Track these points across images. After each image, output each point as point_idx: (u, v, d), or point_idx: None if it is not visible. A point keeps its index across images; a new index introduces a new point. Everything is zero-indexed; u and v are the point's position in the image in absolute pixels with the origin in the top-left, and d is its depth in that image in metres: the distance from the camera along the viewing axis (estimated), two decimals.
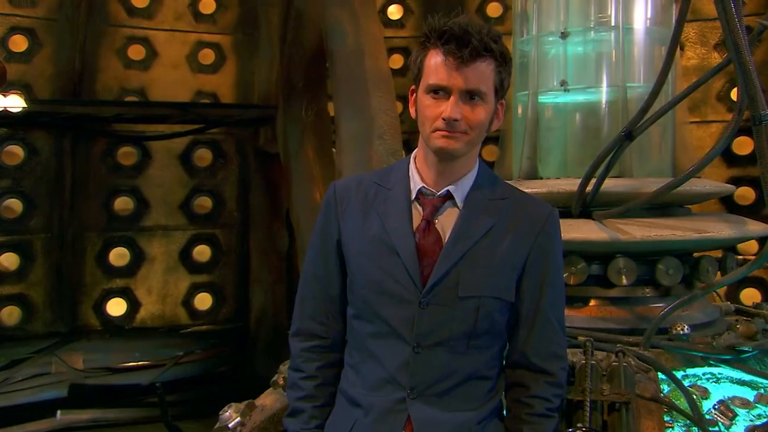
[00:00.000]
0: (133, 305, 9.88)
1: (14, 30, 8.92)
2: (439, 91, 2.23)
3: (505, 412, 2.44)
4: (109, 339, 9.66)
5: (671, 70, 3.20)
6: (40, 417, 8.50)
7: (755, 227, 3.45)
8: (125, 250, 9.85)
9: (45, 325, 9.39)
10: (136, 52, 9.65)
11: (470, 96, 2.22)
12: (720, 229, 3.35)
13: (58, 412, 8.55)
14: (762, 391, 2.99)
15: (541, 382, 2.38)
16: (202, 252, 10.19)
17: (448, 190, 2.35)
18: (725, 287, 5.03)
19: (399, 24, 10.16)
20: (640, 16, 3.55)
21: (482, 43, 2.18)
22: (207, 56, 9.98)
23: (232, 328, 10.21)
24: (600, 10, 3.53)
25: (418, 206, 2.37)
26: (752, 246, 7.52)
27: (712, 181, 3.75)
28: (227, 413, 3.34)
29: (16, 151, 9.13)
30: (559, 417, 2.44)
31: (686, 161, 3.54)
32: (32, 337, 9.24)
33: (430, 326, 2.28)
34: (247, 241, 10.23)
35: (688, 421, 2.81)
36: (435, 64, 2.23)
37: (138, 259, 9.90)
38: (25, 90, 8.77)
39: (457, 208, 2.35)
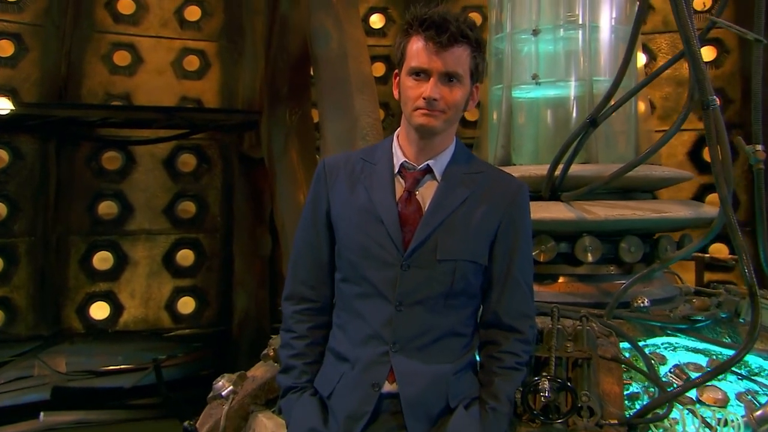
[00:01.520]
0: (117, 309, 10.10)
1: (1, 35, 9.17)
2: (420, 74, 2.52)
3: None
4: (92, 342, 9.84)
5: (632, 62, 3.52)
6: (23, 420, 8.65)
7: (709, 209, 3.77)
8: (109, 254, 10.07)
9: (28, 328, 9.57)
10: (121, 57, 9.93)
11: (448, 78, 2.51)
12: (677, 210, 3.68)
13: (41, 414, 8.69)
14: (714, 357, 3.29)
15: (511, 339, 2.66)
16: (185, 256, 10.44)
17: (427, 164, 2.64)
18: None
19: (381, 33, 10.49)
20: (606, 15, 3.88)
21: (459, 30, 2.49)
22: (192, 62, 10.28)
23: (214, 332, 10.41)
24: (568, 10, 3.85)
25: (400, 179, 2.66)
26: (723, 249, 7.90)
27: (670, 168, 4.07)
28: (220, 383, 3.60)
29: (1, 155, 9.38)
30: (528, 371, 2.73)
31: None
32: (15, 340, 9.42)
33: (411, 287, 2.56)
34: (231, 245, 10.48)
35: (646, 383, 3.10)
36: (416, 49, 2.52)
37: (121, 262, 10.13)
38: (11, 94, 8.99)
39: (436, 180, 2.64)
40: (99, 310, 10.05)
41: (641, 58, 8.97)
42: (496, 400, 2.58)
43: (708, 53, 9.53)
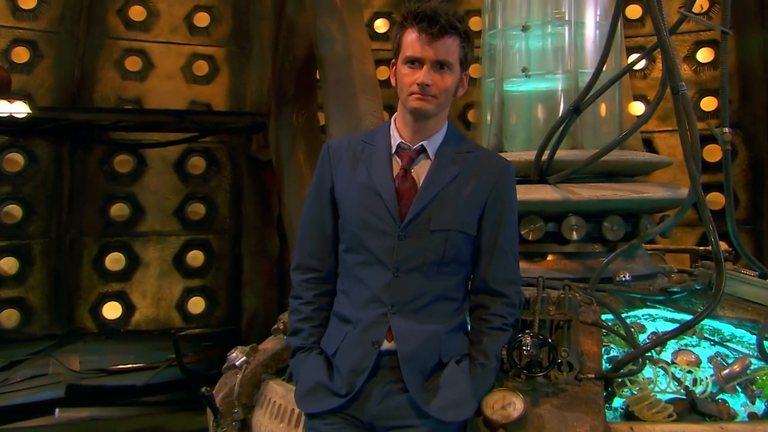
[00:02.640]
0: (128, 309, 10.39)
1: (17, 42, 9.52)
2: (414, 62, 2.86)
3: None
4: (105, 341, 10.14)
5: (615, 56, 3.85)
6: (38, 416, 8.91)
7: (686, 191, 4.08)
8: (121, 255, 10.37)
9: (43, 327, 9.88)
10: (132, 63, 10.25)
11: (440, 66, 2.85)
12: (656, 191, 4.01)
13: (57, 410, 8.95)
14: None
15: (498, 303, 2.98)
16: (195, 257, 10.72)
17: (422, 145, 2.96)
18: None
19: (385, 37, 10.73)
20: (591, 12, 4.22)
21: (449, 22, 2.83)
22: (201, 67, 10.58)
23: (224, 331, 10.67)
24: (556, 7, 4.20)
25: (397, 158, 2.98)
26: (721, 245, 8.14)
27: (651, 154, 4.41)
28: (234, 354, 3.94)
29: (17, 159, 9.69)
30: (513, 332, 3.05)
31: (632, 140, 4.20)
32: (30, 339, 9.72)
33: (407, 255, 2.88)
34: (239, 246, 10.76)
35: (626, 348, 3.41)
36: (411, 40, 2.87)
37: (133, 263, 10.43)
38: (26, 100, 9.26)
39: (430, 159, 2.96)
40: (111, 310, 10.32)
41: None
42: (485, 356, 2.89)
43: (706, 55, 9.83)
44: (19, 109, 8.55)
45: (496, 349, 2.93)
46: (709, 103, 9.59)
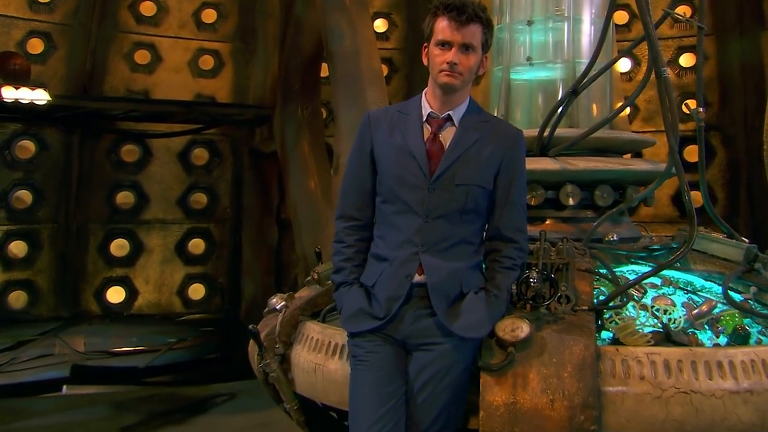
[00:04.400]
0: (132, 293, 11.11)
1: (32, 34, 10.20)
2: (444, 45, 3.54)
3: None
4: (109, 324, 10.83)
5: (606, 46, 4.54)
6: (44, 394, 9.44)
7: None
8: (125, 241, 11.10)
9: (49, 309, 10.60)
10: (141, 56, 10.95)
11: (465, 48, 3.53)
12: (640, 164, 4.74)
13: (64, 387, 9.47)
14: (667, 277, 4.27)
15: (509, 247, 3.66)
16: (196, 245, 11.45)
17: (448, 114, 3.62)
18: None
19: (384, 37, 11.45)
20: (587, 10, 4.90)
21: (474, 12, 3.52)
22: (207, 62, 11.29)
23: (223, 317, 11.35)
24: (556, 5, 4.88)
25: (427, 125, 3.65)
26: None
27: (637, 134, 5.13)
28: (274, 300, 4.59)
29: (29, 146, 10.40)
30: (521, 271, 3.73)
31: (621, 124, 4.94)
32: (37, 321, 10.42)
33: (435, 204, 3.53)
34: (239, 235, 11.44)
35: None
36: (442, 26, 3.55)
37: (137, 250, 11.15)
38: (44, 88, 9.87)
39: (455, 126, 3.63)
40: (115, 294, 11.06)
41: (626, 63, 10.06)
42: (498, 289, 3.57)
43: (688, 59, 10.61)
44: (40, 96, 9.15)
45: (507, 284, 3.61)
46: (691, 106, 10.31)
